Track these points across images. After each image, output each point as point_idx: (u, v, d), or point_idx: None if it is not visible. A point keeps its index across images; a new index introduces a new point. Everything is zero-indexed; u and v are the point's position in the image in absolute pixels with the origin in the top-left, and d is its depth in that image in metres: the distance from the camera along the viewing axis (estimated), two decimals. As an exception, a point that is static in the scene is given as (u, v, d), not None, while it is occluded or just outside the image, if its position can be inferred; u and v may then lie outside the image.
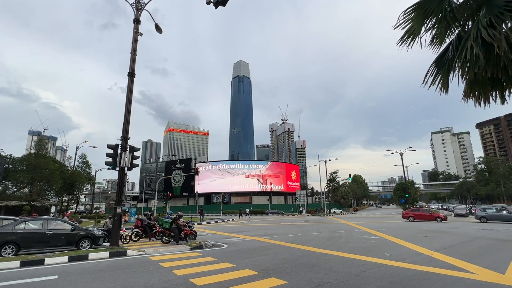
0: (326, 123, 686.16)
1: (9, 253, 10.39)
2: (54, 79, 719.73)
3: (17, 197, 33.00)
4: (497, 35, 3.64)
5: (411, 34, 4.83)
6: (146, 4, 12.76)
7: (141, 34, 12.82)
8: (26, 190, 34.79)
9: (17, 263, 8.18)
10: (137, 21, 12.57)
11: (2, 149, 37.53)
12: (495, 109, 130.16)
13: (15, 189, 34.83)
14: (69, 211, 41.24)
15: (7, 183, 36.60)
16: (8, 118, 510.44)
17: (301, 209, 37.98)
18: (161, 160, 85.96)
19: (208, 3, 8.69)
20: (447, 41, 4.95)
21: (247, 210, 44.50)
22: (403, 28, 4.84)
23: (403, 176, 51.24)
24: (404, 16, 4.78)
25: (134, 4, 12.59)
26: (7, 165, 38.37)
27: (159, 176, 66.30)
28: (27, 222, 11.45)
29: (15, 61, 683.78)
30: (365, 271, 7.06)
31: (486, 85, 4.48)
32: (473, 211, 40.34)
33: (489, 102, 4.57)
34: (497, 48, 3.65)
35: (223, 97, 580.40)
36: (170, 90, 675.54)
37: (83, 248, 11.50)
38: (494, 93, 4.51)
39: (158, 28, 13.43)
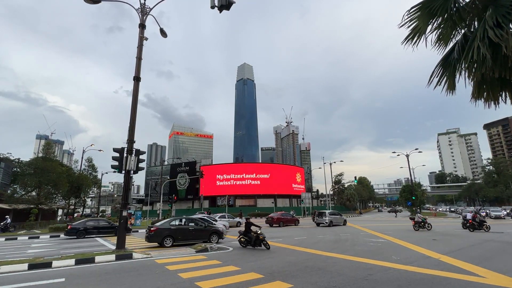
0: (331, 125, 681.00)
1: (169, 244, 12.76)
2: (61, 83, 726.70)
3: (25, 201, 33.39)
4: (505, 35, 3.60)
5: (417, 33, 4.79)
6: (151, 9, 12.87)
7: (146, 39, 12.92)
8: (33, 193, 35.19)
9: (25, 266, 8.26)
10: (142, 26, 12.67)
11: (10, 153, 38.26)
12: (503, 109, 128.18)
13: (23, 193, 35.31)
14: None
15: (15, 186, 37.22)
16: (16, 122, 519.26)
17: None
18: (166, 163, 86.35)
19: (212, 7, 8.75)
20: (453, 41, 4.91)
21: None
22: (408, 27, 4.81)
23: (410, 178, 50.66)
24: (409, 15, 4.75)
25: (140, 9, 12.70)
26: (15, 169, 39.08)
27: (164, 179, 66.58)
28: (175, 220, 14.18)
29: (23, 66, 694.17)
30: (372, 275, 6.96)
31: (495, 85, 4.41)
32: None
33: (498, 103, 4.49)
34: (504, 48, 3.60)
35: (228, 99, 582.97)
36: (175, 92, 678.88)
37: (213, 241, 14.01)
38: (503, 93, 4.44)
39: (163, 33, 13.57)
